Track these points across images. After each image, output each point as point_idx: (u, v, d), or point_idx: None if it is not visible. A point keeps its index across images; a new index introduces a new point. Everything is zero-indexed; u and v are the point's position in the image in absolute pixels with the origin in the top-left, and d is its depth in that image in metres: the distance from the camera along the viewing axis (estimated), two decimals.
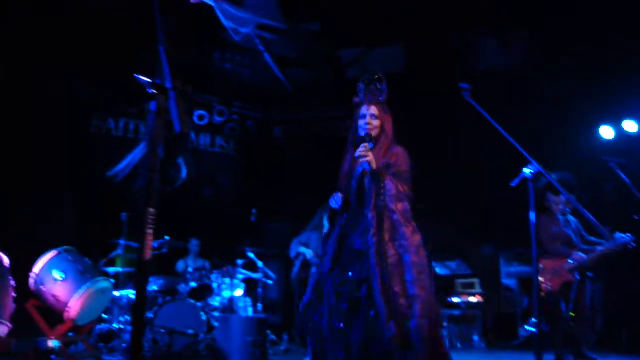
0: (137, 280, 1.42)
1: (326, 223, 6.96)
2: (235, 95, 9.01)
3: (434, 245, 8.81)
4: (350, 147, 4.09)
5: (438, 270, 8.41)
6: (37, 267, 5.67)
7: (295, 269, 7.24)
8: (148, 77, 1.58)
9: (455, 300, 8.46)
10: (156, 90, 1.58)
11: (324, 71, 8.09)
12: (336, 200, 3.95)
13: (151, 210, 1.42)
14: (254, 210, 7.36)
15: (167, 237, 6.96)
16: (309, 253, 6.98)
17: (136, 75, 1.60)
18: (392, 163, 3.86)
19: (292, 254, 7.26)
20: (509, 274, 8.89)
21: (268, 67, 7.78)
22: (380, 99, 4.03)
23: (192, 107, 8.41)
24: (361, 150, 3.76)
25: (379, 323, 3.44)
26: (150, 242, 1.44)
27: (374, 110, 3.98)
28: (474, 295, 8.48)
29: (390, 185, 3.77)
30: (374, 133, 3.95)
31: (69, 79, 7.97)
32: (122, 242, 6.81)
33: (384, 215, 3.70)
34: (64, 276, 5.56)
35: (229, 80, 8.44)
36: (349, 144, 4.11)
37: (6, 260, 5.21)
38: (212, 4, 6.08)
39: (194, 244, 8.14)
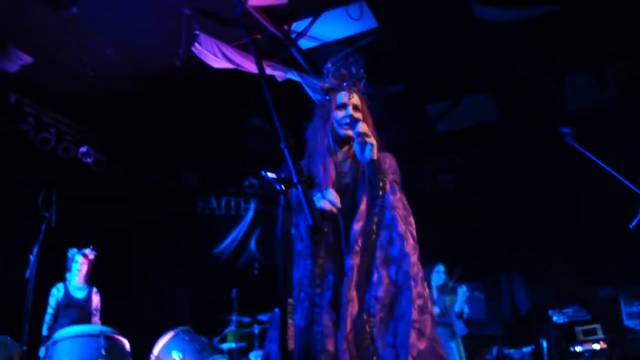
0: None
1: (433, 282, 6.82)
2: None
3: (549, 292, 8.59)
4: (321, 151, 2.93)
5: (555, 318, 8.04)
6: (157, 349, 5.85)
7: None
8: (273, 173, 1.65)
9: (578, 349, 7.99)
10: (283, 185, 1.63)
11: (412, 128, 8.11)
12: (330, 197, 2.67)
13: (290, 300, 1.45)
14: None
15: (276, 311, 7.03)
16: (434, 309, 6.71)
17: (264, 173, 1.66)
18: (386, 169, 2.84)
19: None
20: (631, 314, 8.35)
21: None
22: (360, 84, 3.01)
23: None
24: (362, 127, 2.75)
25: None
26: (292, 332, 1.46)
27: (356, 99, 2.94)
28: (597, 341, 7.99)
29: (394, 188, 2.78)
30: (353, 133, 2.85)
31: (179, 168, 8.47)
32: (234, 318, 6.92)
33: (378, 226, 2.67)
34: (182, 356, 5.71)
35: None
36: (319, 146, 2.95)
37: (127, 345, 5.42)
38: (299, 79, 6.27)
39: None
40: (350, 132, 2.87)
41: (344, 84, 2.97)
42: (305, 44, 6.47)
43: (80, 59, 6.24)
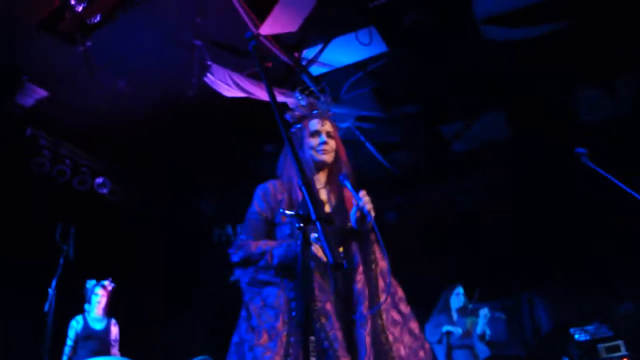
0: None
1: (452, 304, 6.73)
2: None
3: (570, 310, 8.47)
4: (295, 181, 2.71)
5: (577, 336, 7.91)
6: None
7: (441, 354, 6.80)
8: (293, 212, 1.64)
9: None
10: (302, 223, 1.63)
11: (427, 150, 8.09)
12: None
13: (312, 338, 1.45)
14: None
15: None
16: (457, 331, 6.53)
17: (282, 211, 1.67)
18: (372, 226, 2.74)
19: (433, 338, 6.63)
20: None
21: (372, 156, 7.87)
22: (330, 112, 2.98)
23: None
24: (365, 199, 2.58)
25: None
26: None
27: (328, 127, 2.90)
28: (620, 358, 7.84)
29: (384, 251, 2.71)
30: (329, 159, 2.86)
31: (195, 196, 8.52)
32: None
33: (378, 289, 2.63)
34: None
35: None
36: (293, 176, 2.76)
37: None
38: None
39: None
40: (326, 157, 2.85)
41: (314, 112, 2.93)
42: (316, 70, 6.51)
43: (93, 91, 6.31)
